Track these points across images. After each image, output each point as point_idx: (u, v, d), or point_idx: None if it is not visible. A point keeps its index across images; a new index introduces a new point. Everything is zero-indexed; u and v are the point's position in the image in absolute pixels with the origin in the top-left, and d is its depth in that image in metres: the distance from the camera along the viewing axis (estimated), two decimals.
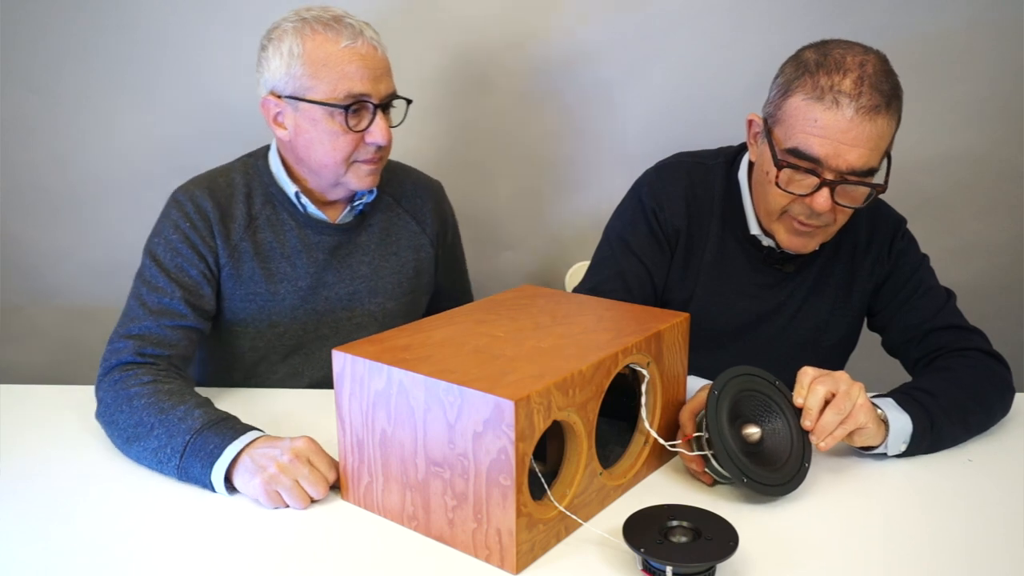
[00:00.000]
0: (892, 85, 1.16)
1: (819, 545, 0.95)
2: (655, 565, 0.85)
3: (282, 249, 1.39)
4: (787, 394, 1.10)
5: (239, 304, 1.38)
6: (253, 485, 1.02)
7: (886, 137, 1.17)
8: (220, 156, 1.48)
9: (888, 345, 1.41)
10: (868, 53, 1.17)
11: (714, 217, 1.38)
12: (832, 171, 1.17)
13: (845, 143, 1.14)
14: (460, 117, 1.92)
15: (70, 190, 1.94)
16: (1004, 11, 1.81)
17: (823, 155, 1.16)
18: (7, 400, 1.35)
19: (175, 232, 1.32)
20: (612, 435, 1.11)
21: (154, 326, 1.25)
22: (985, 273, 2.05)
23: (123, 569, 0.91)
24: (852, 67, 1.15)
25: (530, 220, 2.05)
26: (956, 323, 1.33)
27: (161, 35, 1.81)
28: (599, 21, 1.84)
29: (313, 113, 1.28)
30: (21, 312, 2.05)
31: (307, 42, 1.26)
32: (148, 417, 1.11)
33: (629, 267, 1.39)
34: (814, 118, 1.15)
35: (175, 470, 1.07)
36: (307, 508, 1.03)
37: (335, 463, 1.06)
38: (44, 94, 1.85)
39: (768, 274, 1.38)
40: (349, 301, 1.44)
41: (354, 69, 1.27)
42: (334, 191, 1.39)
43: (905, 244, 1.39)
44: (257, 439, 1.08)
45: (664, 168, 1.44)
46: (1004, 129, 1.93)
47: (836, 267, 1.39)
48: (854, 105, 1.13)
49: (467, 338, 1.02)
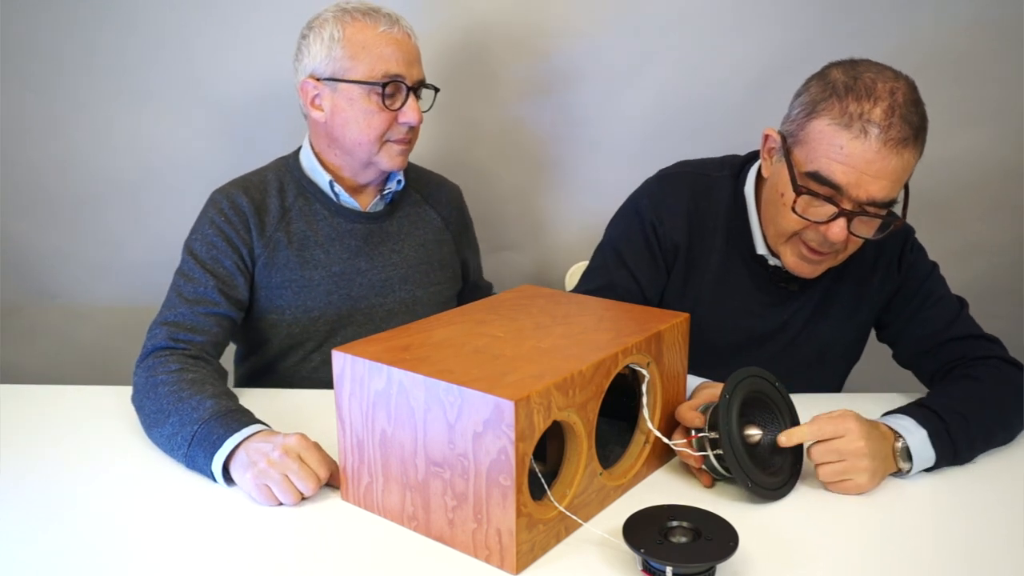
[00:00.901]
0: (920, 116, 1.12)
1: (819, 545, 0.95)
2: (655, 565, 0.85)
3: (316, 237, 1.45)
4: (786, 395, 1.10)
5: (275, 292, 1.43)
6: (245, 479, 1.04)
7: (909, 170, 1.14)
8: (218, 156, 1.49)
9: (900, 358, 1.38)
10: (899, 80, 1.13)
11: (718, 233, 1.35)
12: (851, 201, 1.13)
13: (869, 174, 1.11)
14: (461, 117, 1.92)
15: (70, 190, 1.93)
16: (1005, 11, 1.81)
17: (845, 183, 1.12)
18: (7, 400, 1.35)
19: (211, 227, 1.40)
20: (612, 435, 1.11)
21: (188, 313, 1.32)
22: (986, 274, 2.05)
23: (123, 569, 0.91)
24: (883, 95, 1.10)
25: (530, 220, 2.05)
26: (971, 332, 1.29)
27: (160, 35, 1.80)
28: (600, 21, 1.84)
29: (351, 92, 1.37)
30: (21, 312, 2.05)
31: (347, 28, 1.36)
32: (167, 404, 1.16)
33: (620, 280, 1.37)
34: (840, 145, 1.11)
35: (184, 458, 1.11)
36: (298, 504, 1.03)
37: (329, 460, 1.06)
38: (43, 94, 1.85)
39: (772, 292, 1.35)
40: (382, 287, 1.50)
41: (391, 52, 1.36)
42: (365, 172, 1.45)
43: (915, 255, 1.35)
44: (256, 433, 1.09)
45: (665, 179, 1.40)
46: (1004, 129, 1.92)
47: (843, 286, 1.35)
48: (883, 137, 1.09)
49: (467, 338, 1.02)
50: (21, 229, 1.97)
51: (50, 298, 2.04)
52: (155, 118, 1.88)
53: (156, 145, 1.90)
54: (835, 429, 1.04)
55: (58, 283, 2.03)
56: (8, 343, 2.07)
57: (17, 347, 2.08)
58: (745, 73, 1.86)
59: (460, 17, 1.84)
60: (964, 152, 1.94)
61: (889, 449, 1.07)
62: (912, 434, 1.09)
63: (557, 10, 1.83)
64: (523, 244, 2.08)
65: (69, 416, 1.29)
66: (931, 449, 1.08)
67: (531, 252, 2.09)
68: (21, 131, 1.88)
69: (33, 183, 1.93)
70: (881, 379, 1.47)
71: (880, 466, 1.06)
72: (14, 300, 2.04)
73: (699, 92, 1.89)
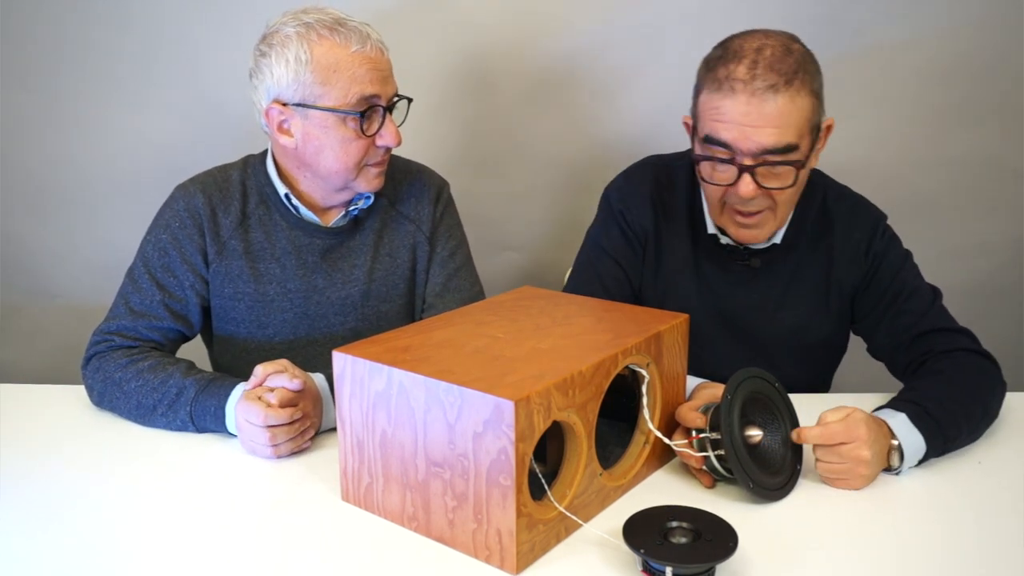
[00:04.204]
0: (796, 62, 1.18)
1: (819, 545, 0.95)
2: (655, 566, 0.85)
3: (272, 250, 1.39)
4: (785, 396, 1.10)
5: (229, 303, 1.39)
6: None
7: (795, 112, 1.17)
8: (218, 156, 1.48)
9: (873, 350, 1.39)
10: (770, 36, 1.20)
11: (680, 219, 1.40)
12: (746, 155, 1.18)
13: (748, 124, 1.17)
14: (462, 117, 1.92)
15: (70, 190, 1.94)
16: (1005, 11, 1.81)
17: (730, 139, 1.18)
18: (7, 400, 1.35)
19: (165, 232, 1.36)
20: (612, 436, 1.11)
21: (131, 326, 1.33)
22: (985, 273, 2.05)
23: (122, 569, 0.91)
24: (748, 53, 1.18)
25: (530, 221, 2.05)
26: (943, 325, 1.30)
27: (158, 35, 1.81)
28: (600, 22, 1.84)
29: (325, 120, 1.28)
30: (21, 312, 2.05)
31: (315, 48, 1.25)
32: (145, 400, 1.23)
33: (606, 270, 1.41)
34: (716, 106, 1.19)
35: (194, 428, 1.23)
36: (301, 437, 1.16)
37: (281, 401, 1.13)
38: (42, 94, 1.85)
39: (736, 271, 1.38)
40: (342, 306, 1.42)
41: (364, 72, 1.27)
42: (337, 196, 1.38)
43: (884, 244, 1.35)
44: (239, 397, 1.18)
45: (631, 171, 1.47)
46: (1004, 129, 1.92)
47: (810, 267, 1.37)
48: (748, 88, 1.16)
49: (467, 339, 1.02)
50: (21, 229, 1.97)
51: (50, 298, 2.04)
52: (153, 117, 1.88)
53: (156, 145, 1.90)
54: (845, 435, 1.05)
55: (58, 283, 2.03)
56: (8, 343, 2.07)
57: (17, 347, 2.08)
58: None
59: (460, 17, 1.84)
60: (964, 152, 1.94)
61: (886, 447, 1.09)
62: (892, 418, 1.10)
63: (557, 10, 1.83)
64: (523, 244, 2.08)
65: (69, 416, 1.29)
66: (916, 432, 1.09)
67: (531, 253, 2.09)
68: (21, 131, 1.88)
69: (33, 183, 1.93)
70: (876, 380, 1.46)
71: (877, 468, 1.08)
72: (14, 300, 2.04)
73: None
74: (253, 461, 1.15)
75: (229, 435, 1.21)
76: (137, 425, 1.26)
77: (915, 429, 1.10)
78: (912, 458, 1.10)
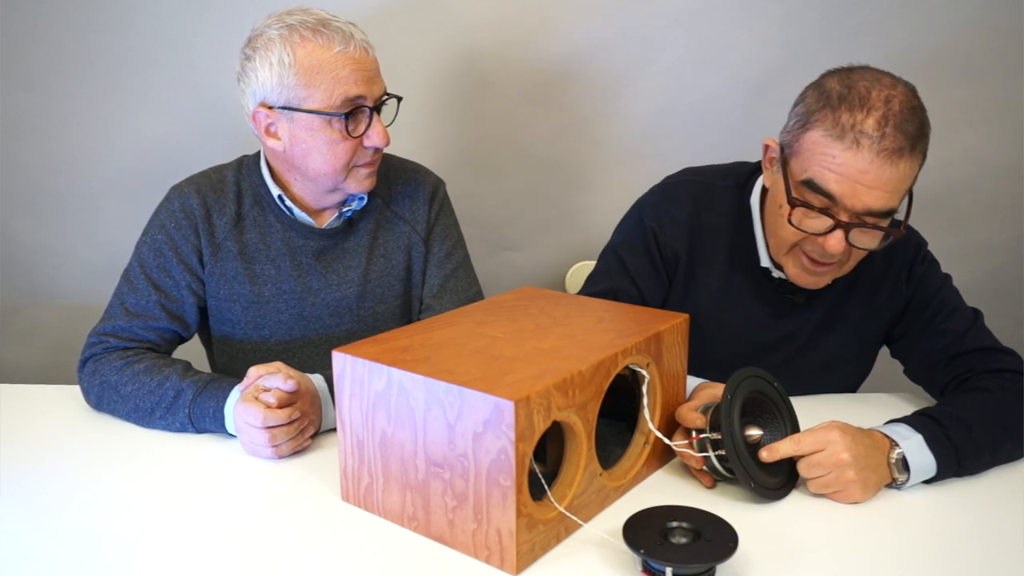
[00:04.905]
0: (919, 123, 1.10)
1: (819, 545, 0.95)
2: (655, 566, 0.85)
3: (267, 251, 1.39)
4: (785, 396, 1.10)
5: (224, 304, 1.39)
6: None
7: (908, 179, 1.11)
8: (217, 155, 1.48)
9: (912, 372, 1.34)
10: (896, 87, 1.11)
11: (720, 244, 1.34)
12: (847, 211, 1.12)
13: (863, 184, 1.09)
14: (461, 117, 1.92)
15: (70, 190, 1.93)
16: (1005, 12, 1.81)
17: (839, 192, 1.10)
18: (7, 400, 1.35)
19: (160, 232, 1.36)
20: (612, 436, 1.11)
21: (126, 327, 1.33)
22: (986, 274, 2.05)
23: (122, 569, 0.91)
24: (877, 104, 1.08)
25: (530, 221, 2.05)
26: (987, 344, 1.25)
27: (158, 35, 1.80)
28: (601, 21, 1.84)
29: (310, 122, 1.27)
30: (21, 312, 2.05)
31: (298, 50, 1.24)
32: (143, 403, 1.23)
33: (621, 287, 1.36)
34: (833, 155, 1.10)
35: (194, 430, 1.23)
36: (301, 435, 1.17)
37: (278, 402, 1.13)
38: (42, 94, 1.85)
39: (776, 304, 1.33)
40: (337, 307, 1.42)
41: (348, 73, 1.26)
42: (330, 197, 1.38)
43: (925, 268, 1.32)
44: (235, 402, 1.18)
45: (669, 187, 1.40)
46: (1004, 129, 1.92)
47: (852, 299, 1.33)
48: (876, 147, 1.07)
49: (467, 339, 1.02)
50: (21, 229, 1.97)
51: (50, 298, 2.04)
52: (155, 118, 1.88)
53: (156, 145, 1.90)
54: (815, 442, 1.03)
55: (57, 283, 2.03)
56: (8, 343, 2.07)
57: (17, 347, 2.08)
58: (746, 73, 1.85)
59: (460, 17, 1.84)
60: (964, 152, 1.94)
61: (882, 458, 1.05)
62: (907, 439, 1.06)
63: (557, 10, 1.83)
64: (523, 244, 2.08)
65: (68, 416, 1.29)
66: (929, 455, 1.05)
67: (531, 252, 2.09)
68: (21, 131, 1.88)
69: (32, 183, 1.93)
70: (892, 384, 1.46)
71: (871, 476, 1.04)
72: (14, 300, 2.04)
73: (700, 92, 1.89)
74: (253, 461, 1.15)
75: (229, 435, 1.21)
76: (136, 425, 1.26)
77: (917, 433, 1.07)
78: (920, 467, 1.06)
